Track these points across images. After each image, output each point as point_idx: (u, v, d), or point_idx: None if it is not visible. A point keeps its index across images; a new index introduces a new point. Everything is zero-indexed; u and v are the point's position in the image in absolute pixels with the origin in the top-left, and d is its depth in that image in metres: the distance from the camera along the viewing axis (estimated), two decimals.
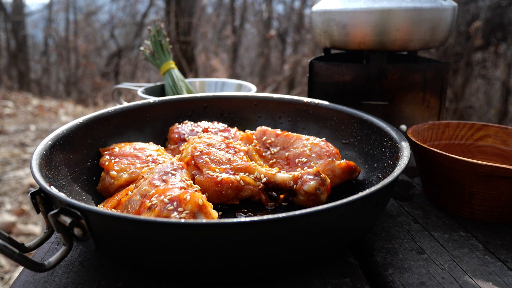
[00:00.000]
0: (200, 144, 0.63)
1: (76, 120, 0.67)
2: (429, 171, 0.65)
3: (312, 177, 0.58)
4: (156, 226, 0.38)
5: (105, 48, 8.00)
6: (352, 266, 0.50)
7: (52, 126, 4.41)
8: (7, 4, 7.53)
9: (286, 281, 0.47)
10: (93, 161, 0.67)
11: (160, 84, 1.20)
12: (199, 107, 0.82)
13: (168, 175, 0.54)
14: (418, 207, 0.66)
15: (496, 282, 0.47)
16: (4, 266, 1.86)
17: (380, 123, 0.67)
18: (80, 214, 0.40)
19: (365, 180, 0.66)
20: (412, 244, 0.55)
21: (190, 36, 6.03)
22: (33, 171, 0.49)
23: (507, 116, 4.59)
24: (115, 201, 0.55)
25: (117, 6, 7.80)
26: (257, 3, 7.23)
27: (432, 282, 0.47)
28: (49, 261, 0.41)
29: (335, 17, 0.88)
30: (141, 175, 0.57)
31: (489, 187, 0.57)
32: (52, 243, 0.55)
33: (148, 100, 0.79)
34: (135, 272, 0.48)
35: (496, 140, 0.74)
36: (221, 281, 0.46)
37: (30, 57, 7.80)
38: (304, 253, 0.43)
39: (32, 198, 0.46)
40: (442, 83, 0.86)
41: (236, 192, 0.59)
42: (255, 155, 0.66)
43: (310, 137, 0.69)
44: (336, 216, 0.42)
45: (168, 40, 1.18)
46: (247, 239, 0.39)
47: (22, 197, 2.60)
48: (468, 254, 0.53)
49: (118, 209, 0.53)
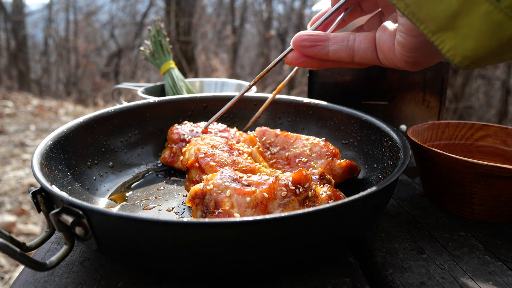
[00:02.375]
0: (203, 146, 0.62)
1: (76, 120, 0.67)
2: (429, 171, 0.65)
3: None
4: (158, 225, 0.38)
5: (105, 48, 8.00)
6: (352, 266, 0.50)
7: (52, 126, 4.41)
8: (7, 4, 7.53)
9: (286, 281, 0.47)
10: (93, 161, 0.67)
11: (160, 84, 1.20)
12: (199, 107, 0.82)
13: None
14: (418, 207, 0.66)
15: (496, 282, 0.47)
16: (4, 266, 1.87)
17: (380, 123, 0.67)
18: (81, 213, 0.40)
19: (364, 180, 0.66)
20: (412, 244, 0.55)
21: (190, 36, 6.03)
22: (34, 170, 0.49)
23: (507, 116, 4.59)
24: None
25: (117, 6, 7.80)
26: (257, 3, 7.24)
27: (432, 282, 0.47)
28: (51, 260, 0.41)
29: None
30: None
31: (489, 187, 0.57)
32: (52, 243, 0.55)
33: (148, 100, 0.79)
34: (135, 272, 0.48)
35: (496, 140, 0.74)
36: (221, 281, 0.46)
37: (30, 57, 7.80)
38: (304, 253, 0.44)
39: (33, 198, 0.46)
40: (442, 83, 0.86)
41: None
42: (259, 157, 0.66)
43: (310, 137, 0.69)
44: (337, 216, 0.42)
45: (168, 40, 1.19)
46: (247, 239, 0.39)
47: (22, 197, 2.60)
48: (468, 254, 0.53)
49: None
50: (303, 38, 0.53)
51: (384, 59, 0.50)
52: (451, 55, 0.37)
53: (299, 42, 0.53)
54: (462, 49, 0.37)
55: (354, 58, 0.52)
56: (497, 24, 0.34)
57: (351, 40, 0.51)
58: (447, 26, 0.36)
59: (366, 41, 0.51)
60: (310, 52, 0.53)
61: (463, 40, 0.36)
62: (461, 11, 0.35)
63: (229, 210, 0.48)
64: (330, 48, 0.52)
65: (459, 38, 0.36)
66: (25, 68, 7.46)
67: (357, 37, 0.51)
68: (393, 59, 0.48)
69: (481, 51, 0.36)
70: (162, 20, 1.67)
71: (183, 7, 5.96)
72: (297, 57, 0.55)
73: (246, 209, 0.47)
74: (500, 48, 0.35)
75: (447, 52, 0.38)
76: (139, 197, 0.63)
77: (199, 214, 0.51)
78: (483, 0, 0.34)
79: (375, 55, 0.51)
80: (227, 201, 0.48)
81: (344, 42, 0.51)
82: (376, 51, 0.51)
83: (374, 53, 0.51)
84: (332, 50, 0.52)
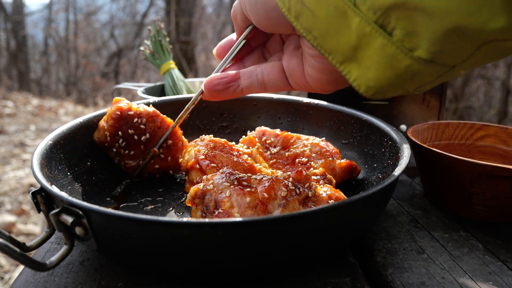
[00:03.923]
0: (203, 147, 0.62)
1: (76, 119, 0.67)
2: (429, 171, 0.65)
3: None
4: (158, 225, 0.38)
5: (105, 48, 8.00)
6: (352, 266, 0.50)
7: (52, 126, 4.41)
8: (7, 4, 7.54)
9: (286, 281, 0.47)
10: (93, 161, 0.67)
11: (160, 84, 1.20)
12: (199, 107, 0.82)
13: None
14: (418, 207, 0.66)
15: (496, 282, 0.47)
16: (4, 266, 1.87)
17: (380, 123, 0.67)
18: (81, 213, 0.40)
19: (364, 180, 0.66)
20: (412, 244, 0.55)
21: (190, 36, 6.03)
22: (34, 170, 0.49)
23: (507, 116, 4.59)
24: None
25: (117, 6, 7.80)
26: None
27: (432, 282, 0.47)
28: (51, 260, 0.41)
29: None
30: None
31: (489, 187, 0.57)
32: (52, 243, 0.55)
33: (148, 100, 0.79)
34: (135, 272, 0.48)
35: (496, 140, 0.74)
36: (221, 281, 0.46)
37: (30, 57, 7.80)
38: (304, 252, 0.44)
39: (33, 198, 0.46)
40: (442, 83, 0.86)
41: None
42: (259, 157, 0.66)
43: (309, 137, 0.69)
44: (337, 216, 0.42)
45: (168, 40, 1.19)
46: (247, 239, 0.39)
47: (22, 197, 2.60)
48: (468, 254, 0.53)
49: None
50: (215, 82, 0.53)
51: (296, 84, 0.51)
52: (357, 85, 0.39)
53: (212, 87, 0.53)
54: (365, 79, 0.38)
55: (267, 89, 0.52)
56: (392, 56, 0.36)
57: (259, 73, 0.52)
58: (351, 58, 0.38)
59: (274, 72, 0.51)
60: (224, 94, 0.53)
61: (365, 71, 0.38)
62: (360, 45, 0.37)
63: (229, 210, 0.48)
64: (242, 86, 0.52)
65: (362, 69, 0.38)
66: (25, 68, 7.46)
67: (264, 70, 0.51)
68: (304, 84, 0.49)
69: (383, 81, 0.38)
70: (162, 20, 1.67)
71: (183, 7, 5.96)
72: (212, 97, 0.55)
73: (246, 209, 0.47)
74: (398, 78, 0.37)
75: (353, 82, 0.39)
76: (139, 197, 0.63)
77: (199, 214, 0.51)
78: (377, 34, 0.36)
79: (286, 82, 0.51)
80: (227, 201, 0.48)
81: (253, 77, 0.52)
82: (286, 78, 0.51)
83: (284, 81, 0.51)
84: (245, 87, 0.52)
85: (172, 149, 0.69)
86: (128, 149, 0.67)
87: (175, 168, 0.71)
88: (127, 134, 0.66)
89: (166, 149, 0.69)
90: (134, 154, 0.67)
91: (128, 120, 0.66)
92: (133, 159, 0.68)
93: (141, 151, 0.68)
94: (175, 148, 0.69)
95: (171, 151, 0.69)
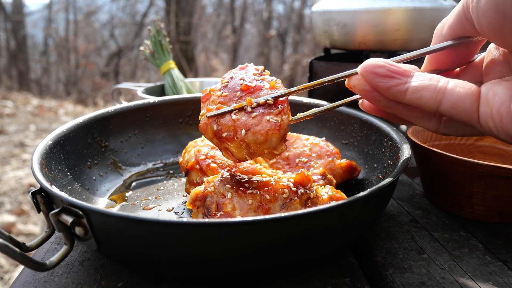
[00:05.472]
0: (204, 148, 0.62)
1: (76, 119, 0.67)
2: (429, 171, 0.65)
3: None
4: (158, 225, 0.38)
5: (105, 48, 8.00)
6: (352, 266, 0.50)
7: (52, 126, 4.41)
8: (7, 4, 7.53)
9: (286, 281, 0.47)
10: (93, 161, 0.67)
11: (160, 84, 1.20)
12: (199, 107, 0.82)
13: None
14: (418, 207, 0.66)
15: (496, 282, 0.47)
16: (4, 266, 1.86)
17: (380, 123, 0.67)
18: (81, 213, 0.40)
19: (365, 180, 0.66)
20: (412, 244, 0.55)
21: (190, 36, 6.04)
22: (34, 170, 0.49)
23: None
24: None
25: (117, 6, 7.80)
26: (257, 3, 7.24)
27: (432, 282, 0.47)
28: (51, 261, 0.41)
29: (335, 17, 0.88)
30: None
31: (489, 187, 0.57)
32: (52, 243, 0.55)
33: (148, 100, 0.79)
34: (135, 272, 0.48)
35: (496, 140, 0.74)
36: (221, 281, 0.46)
37: (30, 57, 7.80)
38: (304, 252, 0.44)
39: (33, 198, 0.46)
40: None
41: None
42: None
43: (309, 137, 0.69)
44: (337, 216, 0.42)
45: (168, 40, 1.19)
46: (247, 239, 0.39)
47: (22, 197, 2.60)
48: (468, 254, 0.53)
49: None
50: (379, 64, 0.41)
51: (488, 115, 0.38)
52: None
53: (371, 68, 0.41)
54: None
55: (442, 104, 0.39)
56: None
57: (443, 82, 0.40)
58: None
59: (466, 86, 0.39)
60: (382, 84, 0.41)
61: None
62: None
63: (230, 212, 0.47)
64: (410, 85, 0.40)
65: None
66: (25, 68, 7.46)
67: (451, 80, 0.40)
68: (502, 118, 0.37)
69: None
70: (162, 20, 1.67)
71: (183, 7, 5.96)
72: (363, 84, 0.43)
73: (248, 211, 0.47)
74: None
75: None
76: (139, 197, 0.63)
77: (200, 216, 0.50)
78: None
79: (474, 107, 0.39)
80: (228, 203, 0.48)
81: (433, 81, 0.40)
82: (478, 103, 0.39)
83: (473, 105, 0.39)
84: (413, 88, 0.40)
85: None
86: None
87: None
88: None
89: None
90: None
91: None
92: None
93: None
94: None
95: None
